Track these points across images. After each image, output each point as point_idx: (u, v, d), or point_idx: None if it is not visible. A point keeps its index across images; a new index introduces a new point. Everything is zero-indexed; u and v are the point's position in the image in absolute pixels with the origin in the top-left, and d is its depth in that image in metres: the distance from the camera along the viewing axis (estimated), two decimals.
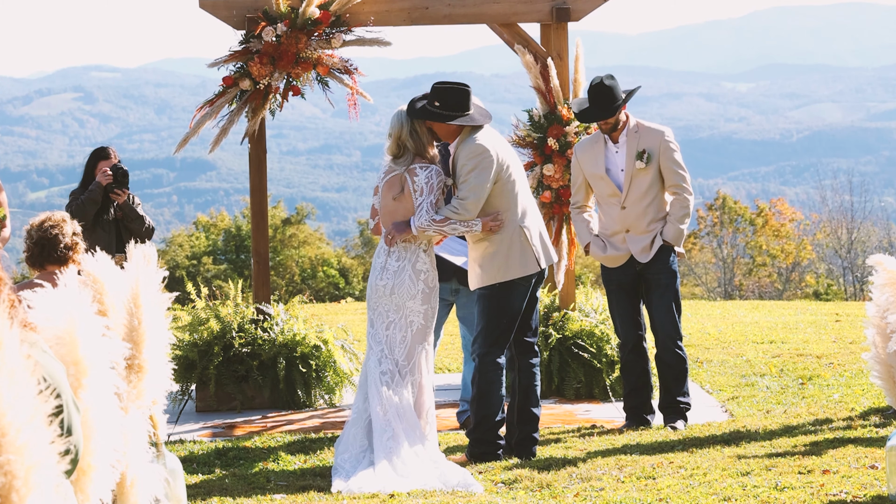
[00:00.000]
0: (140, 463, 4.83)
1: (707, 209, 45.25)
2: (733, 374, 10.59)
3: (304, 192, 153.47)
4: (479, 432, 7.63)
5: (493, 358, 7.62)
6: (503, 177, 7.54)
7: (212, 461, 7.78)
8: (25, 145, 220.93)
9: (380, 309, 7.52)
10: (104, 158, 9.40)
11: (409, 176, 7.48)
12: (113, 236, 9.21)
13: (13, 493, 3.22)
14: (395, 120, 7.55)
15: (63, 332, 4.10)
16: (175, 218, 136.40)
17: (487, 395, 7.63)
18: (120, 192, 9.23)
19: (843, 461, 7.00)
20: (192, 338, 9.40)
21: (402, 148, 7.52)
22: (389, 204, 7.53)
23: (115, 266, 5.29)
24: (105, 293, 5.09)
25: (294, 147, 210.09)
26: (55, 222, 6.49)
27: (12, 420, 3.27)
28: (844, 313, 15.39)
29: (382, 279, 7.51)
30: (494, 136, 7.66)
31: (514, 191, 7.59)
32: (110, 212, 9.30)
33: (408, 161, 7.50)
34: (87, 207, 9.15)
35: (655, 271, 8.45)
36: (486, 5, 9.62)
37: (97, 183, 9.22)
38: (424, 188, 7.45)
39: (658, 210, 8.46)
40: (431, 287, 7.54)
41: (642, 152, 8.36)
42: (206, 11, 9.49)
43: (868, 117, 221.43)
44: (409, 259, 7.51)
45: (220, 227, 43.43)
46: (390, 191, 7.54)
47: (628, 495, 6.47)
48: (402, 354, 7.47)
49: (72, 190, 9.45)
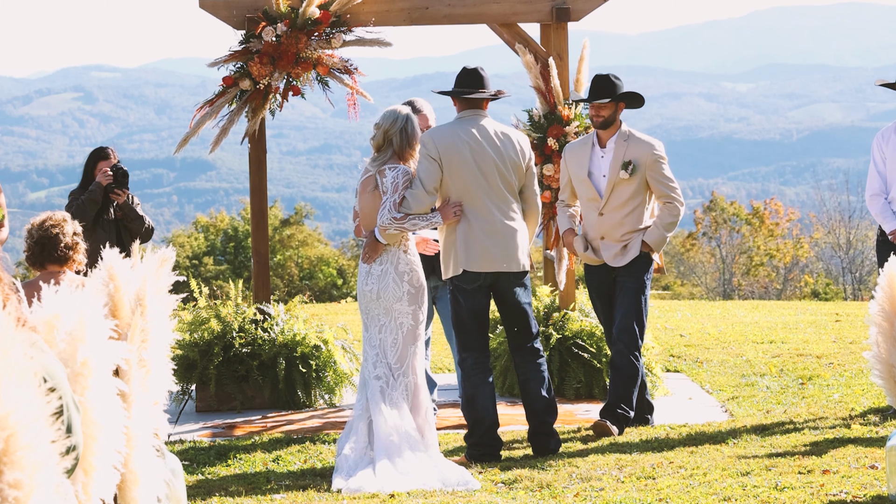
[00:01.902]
0: (143, 463, 4.84)
1: (704, 210, 45.26)
2: (733, 374, 10.60)
3: (304, 192, 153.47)
4: (475, 437, 7.66)
5: (468, 362, 7.70)
6: (447, 168, 7.60)
7: (212, 461, 7.78)
8: (25, 145, 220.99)
9: (371, 313, 7.55)
10: (104, 158, 9.38)
11: (380, 177, 7.52)
12: (113, 236, 9.20)
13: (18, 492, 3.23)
14: (389, 114, 7.60)
15: (71, 331, 4.10)
16: (175, 218, 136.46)
17: (472, 400, 7.68)
18: (120, 192, 9.23)
19: (843, 461, 7.00)
20: (192, 337, 9.40)
21: (386, 142, 7.54)
22: (366, 205, 7.58)
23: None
24: (120, 292, 5.10)
25: (294, 147, 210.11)
26: (56, 222, 6.49)
27: (17, 420, 3.27)
28: (844, 313, 15.40)
29: (368, 284, 7.54)
30: (458, 126, 7.69)
31: (460, 184, 7.62)
32: (110, 212, 9.29)
33: (384, 160, 7.53)
34: (87, 207, 9.13)
35: (625, 276, 8.38)
36: (486, 5, 9.62)
37: (97, 183, 9.20)
38: (389, 188, 7.48)
39: (636, 222, 8.35)
40: (417, 287, 7.55)
41: (628, 163, 8.29)
42: (206, 11, 9.50)
43: (868, 117, 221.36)
44: (390, 262, 7.53)
45: (220, 227, 43.45)
46: (363, 192, 7.59)
47: (628, 495, 6.47)
48: (395, 357, 7.49)
49: (71, 190, 9.44)
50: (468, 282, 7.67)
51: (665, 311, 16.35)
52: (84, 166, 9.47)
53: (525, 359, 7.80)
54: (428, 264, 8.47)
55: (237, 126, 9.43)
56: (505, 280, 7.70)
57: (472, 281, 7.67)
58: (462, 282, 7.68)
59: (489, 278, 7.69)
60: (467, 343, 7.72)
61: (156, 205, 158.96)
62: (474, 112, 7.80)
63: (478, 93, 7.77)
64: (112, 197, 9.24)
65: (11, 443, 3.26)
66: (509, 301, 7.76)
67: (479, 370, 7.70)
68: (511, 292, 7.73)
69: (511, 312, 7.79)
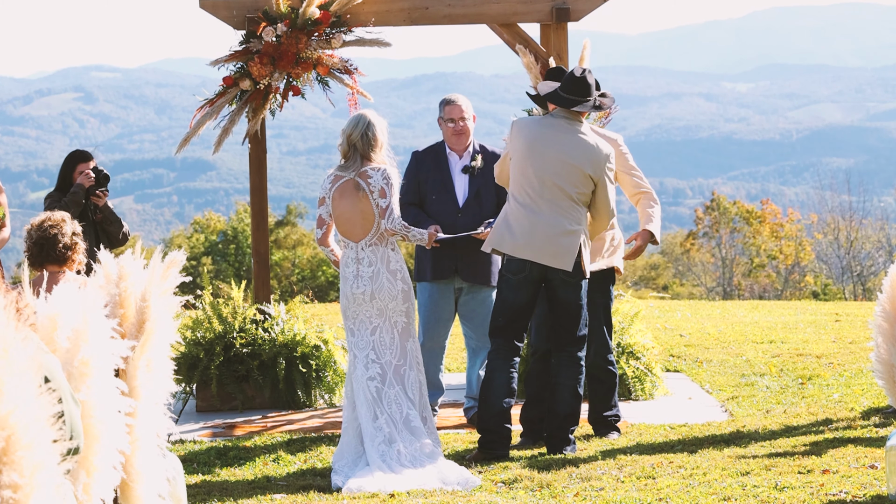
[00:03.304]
0: (146, 463, 4.84)
1: (705, 209, 45.27)
2: (733, 373, 10.60)
3: (304, 192, 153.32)
4: (484, 421, 7.69)
5: (494, 346, 7.78)
6: (513, 154, 7.83)
7: (212, 461, 7.78)
8: (26, 145, 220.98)
9: (360, 316, 7.55)
10: (83, 161, 9.31)
11: (362, 179, 7.53)
12: (92, 239, 9.10)
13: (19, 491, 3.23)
14: (351, 119, 7.67)
15: (74, 331, 4.11)
16: (175, 218, 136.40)
17: (486, 383, 7.75)
18: (100, 193, 9.19)
19: (842, 461, 7.00)
20: (194, 336, 9.41)
21: (351, 147, 7.59)
22: (347, 210, 7.56)
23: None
24: (128, 291, 5.11)
25: (294, 147, 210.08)
26: (55, 222, 6.49)
27: (18, 420, 3.28)
28: (844, 313, 15.40)
29: (359, 287, 7.54)
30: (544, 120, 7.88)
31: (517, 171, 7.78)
32: (89, 215, 9.22)
33: (356, 165, 7.55)
34: (69, 209, 9.03)
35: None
36: (486, 5, 9.63)
37: (79, 185, 9.13)
38: (386, 188, 7.50)
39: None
40: (409, 284, 7.62)
41: None
42: (207, 11, 9.50)
43: (868, 117, 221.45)
44: (381, 262, 7.55)
45: (217, 228, 43.46)
46: (343, 197, 7.56)
47: (628, 495, 6.47)
48: (396, 355, 7.51)
49: (48, 193, 9.33)
50: (514, 271, 7.70)
51: (665, 311, 16.36)
52: (61, 169, 9.34)
53: (560, 361, 7.81)
54: (451, 266, 8.51)
55: (237, 126, 9.44)
56: (555, 277, 7.72)
57: (518, 271, 7.69)
58: (508, 270, 7.73)
59: (535, 271, 7.70)
60: (498, 328, 7.76)
61: (156, 205, 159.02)
62: (568, 113, 7.80)
63: (581, 104, 7.78)
64: (93, 199, 9.19)
65: (11, 443, 3.26)
66: (555, 299, 7.78)
67: (503, 356, 7.72)
68: (558, 290, 7.75)
69: (555, 311, 7.80)
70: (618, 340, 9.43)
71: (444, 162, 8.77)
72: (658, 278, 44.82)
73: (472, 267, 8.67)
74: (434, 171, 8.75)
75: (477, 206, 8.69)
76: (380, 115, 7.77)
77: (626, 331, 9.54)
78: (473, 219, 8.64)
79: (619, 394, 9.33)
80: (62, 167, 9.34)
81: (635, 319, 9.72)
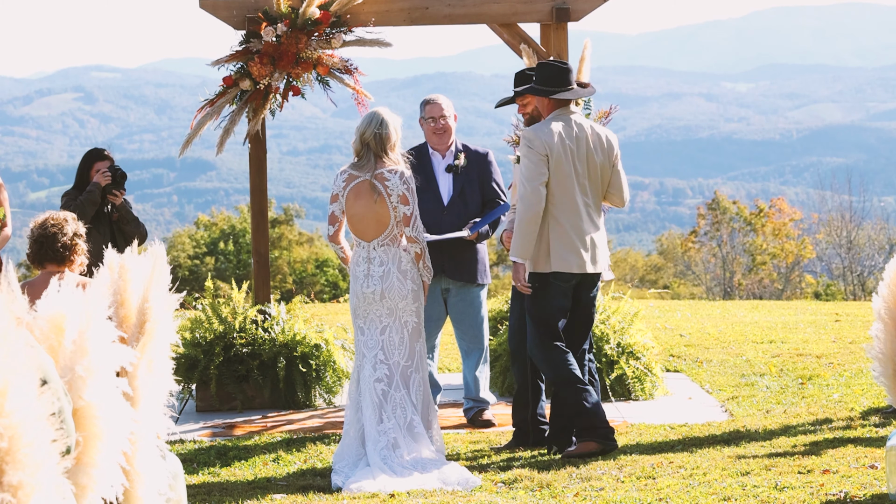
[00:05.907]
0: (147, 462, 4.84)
1: (707, 208, 45.27)
2: (733, 373, 10.60)
3: (305, 192, 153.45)
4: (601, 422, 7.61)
5: (558, 350, 7.61)
6: (553, 165, 7.55)
7: (212, 461, 7.79)
8: (26, 145, 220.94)
9: (370, 316, 7.54)
10: (100, 159, 9.32)
11: (379, 181, 7.48)
12: (108, 238, 9.10)
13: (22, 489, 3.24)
14: (365, 118, 7.60)
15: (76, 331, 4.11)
16: (175, 218, 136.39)
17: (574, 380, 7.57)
18: (118, 192, 9.19)
19: (842, 461, 7.01)
20: (194, 336, 9.41)
21: (364, 146, 7.52)
22: (361, 211, 7.52)
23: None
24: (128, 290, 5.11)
25: (294, 147, 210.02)
26: (56, 221, 6.49)
27: (20, 420, 3.28)
28: (844, 313, 15.40)
29: (369, 286, 7.52)
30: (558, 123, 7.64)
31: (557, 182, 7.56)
32: (106, 213, 9.23)
33: (370, 165, 7.50)
34: (86, 208, 9.05)
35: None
36: (486, 5, 9.63)
37: (96, 184, 9.13)
38: (407, 195, 7.47)
39: None
40: (418, 284, 7.59)
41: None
42: (206, 11, 9.50)
43: (868, 117, 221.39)
44: (392, 262, 7.53)
45: (220, 226, 43.45)
46: (358, 198, 7.51)
47: (628, 495, 6.48)
48: (404, 355, 7.50)
49: (65, 191, 9.35)
50: (566, 279, 7.65)
51: (665, 310, 16.36)
52: (79, 167, 9.36)
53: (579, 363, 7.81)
54: (438, 266, 8.49)
55: (238, 126, 9.44)
56: (586, 280, 7.72)
57: (570, 278, 7.66)
58: (557, 279, 7.64)
59: (577, 278, 7.70)
60: (554, 334, 7.64)
61: (156, 205, 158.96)
62: (566, 109, 7.76)
63: (568, 92, 7.67)
64: (110, 198, 9.19)
65: (14, 442, 3.27)
66: (582, 300, 7.76)
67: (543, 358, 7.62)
68: (586, 293, 7.75)
69: (579, 312, 7.77)
70: (618, 340, 9.43)
71: (428, 162, 8.77)
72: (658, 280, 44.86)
73: (458, 266, 8.69)
74: (417, 172, 8.76)
75: (462, 205, 8.70)
76: (394, 111, 7.71)
77: (626, 331, 9.54)
78: (458, 217, 8.66)
79: (619, 394, 9.35)
80: (80, 165, 9.36)
81: (635, 319, 9.72)
